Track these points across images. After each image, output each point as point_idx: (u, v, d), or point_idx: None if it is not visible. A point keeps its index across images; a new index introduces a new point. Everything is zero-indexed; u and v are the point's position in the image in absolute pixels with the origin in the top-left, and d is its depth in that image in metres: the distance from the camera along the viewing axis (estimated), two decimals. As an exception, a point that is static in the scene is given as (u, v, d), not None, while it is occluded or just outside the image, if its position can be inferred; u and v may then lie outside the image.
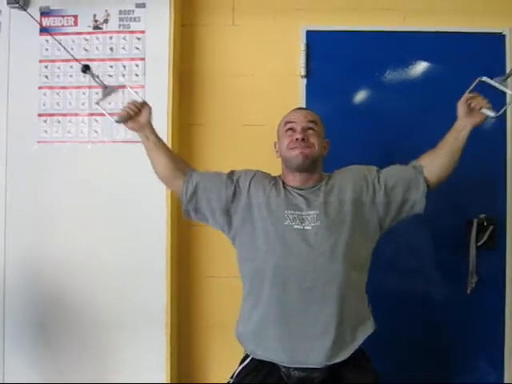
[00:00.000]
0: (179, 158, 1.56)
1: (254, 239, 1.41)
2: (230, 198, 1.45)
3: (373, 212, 1.43)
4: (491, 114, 1.38)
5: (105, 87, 1.55)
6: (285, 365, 1.38)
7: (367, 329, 1.45)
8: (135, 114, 1.47)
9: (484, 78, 1.44)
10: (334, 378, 1.39)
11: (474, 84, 1.45)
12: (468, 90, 1.44)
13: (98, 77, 1.57)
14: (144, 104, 1.50)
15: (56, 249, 2.03)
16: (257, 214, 1.42)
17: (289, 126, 1.45)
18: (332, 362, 1.36)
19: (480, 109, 1.39)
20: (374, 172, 1.48)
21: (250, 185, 1.46)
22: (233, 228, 1.46)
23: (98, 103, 1.52)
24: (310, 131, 1.43)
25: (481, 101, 1.39)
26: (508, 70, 2.02)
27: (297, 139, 1.41)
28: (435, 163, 1.44)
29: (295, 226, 1.37)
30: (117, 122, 1.48)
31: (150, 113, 1.51)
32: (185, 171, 1.50)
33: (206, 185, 1.48)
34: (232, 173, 1.52)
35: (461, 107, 1.42)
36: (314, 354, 1.35)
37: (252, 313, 1.43)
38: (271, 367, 1.41)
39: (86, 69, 1.61)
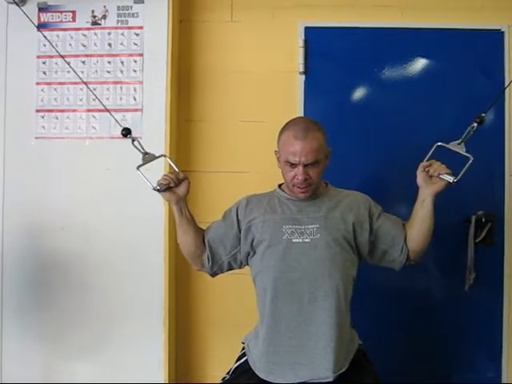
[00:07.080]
0: (202, 232, 1.54)
1: (258, 257, 1.43)
2: (238, 234, 1.47)
3: (364, 242, 1.45)
4: (450, 179, 1.34)
5: (145, 153, 1.50)
6: (290, 382, 1.36)
7: (357, 339, 1.48)
8: (174, 186, 1.44)
9: (440, 144, 1.40)
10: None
11: (432, 150, 1.41)
12: (426, 158, 1.40)
13: (139, 142, 1.50)
14: (184, 177, 1.47)
15: (53, 246, 2.02)
16: (256, 233, 1.43)
17: (290, 166, 1.39)
18: (338, 373, 1.35)
19: (438, 175, 1.36)
20: (378, 210, 1.49)
21: (245, 211, 1.47)
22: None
23: (138, 168, 1.46)
24: (312, 167, 1.37)
25: (438, 167, 1.36)
26: (506, 68, 2.03)
27: (298, 180, 1.38)
28: (409, 234, 1.45)
29: (294, 240, 1.38)
30: (155, 189, 1.44)
31: (189, 187, 1.47)
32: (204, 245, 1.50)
33: (215, 238, 1.49)
34: (226, 213, 1.52)
35: (419, 176, 1.39)
36: (320, 368, 1.34)
37: (259, 330, 1.45)
38: None
39: (127, 132, 1.50)
